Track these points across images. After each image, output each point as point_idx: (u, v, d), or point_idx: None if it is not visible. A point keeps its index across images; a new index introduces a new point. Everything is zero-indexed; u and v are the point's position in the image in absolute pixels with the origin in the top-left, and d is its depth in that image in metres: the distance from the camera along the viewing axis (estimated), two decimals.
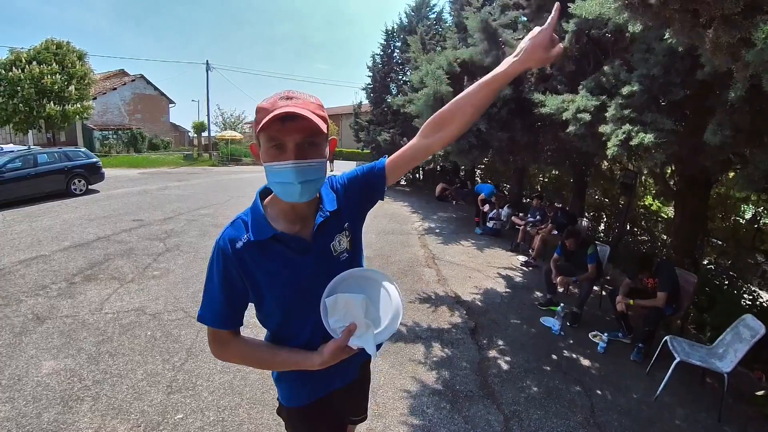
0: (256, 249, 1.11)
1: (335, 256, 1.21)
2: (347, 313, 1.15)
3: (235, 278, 1.12)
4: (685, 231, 5.29)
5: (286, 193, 1.08)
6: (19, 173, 10.31)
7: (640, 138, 3.36)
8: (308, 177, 1.05)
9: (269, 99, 1.06)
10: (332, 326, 1.15)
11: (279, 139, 1.02)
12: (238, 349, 1.20)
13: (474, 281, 5.86)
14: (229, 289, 1.13)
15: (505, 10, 5.88)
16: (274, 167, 1.04)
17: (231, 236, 1.12)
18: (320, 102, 1.10)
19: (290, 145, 1.02)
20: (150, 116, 30.74)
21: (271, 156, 1.04)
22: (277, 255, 1.13)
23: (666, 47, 3.37)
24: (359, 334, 1.14)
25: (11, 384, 3.10)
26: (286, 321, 1.21)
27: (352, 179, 1.29)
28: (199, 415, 2.84)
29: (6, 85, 18.29)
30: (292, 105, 1.02)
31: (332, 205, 1.21)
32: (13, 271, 5.41)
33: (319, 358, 1.15)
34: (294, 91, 1.07)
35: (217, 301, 1.13)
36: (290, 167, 1.02)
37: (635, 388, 3.51)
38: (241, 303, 1.17)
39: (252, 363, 1.26)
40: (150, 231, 7.64)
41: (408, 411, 3.02)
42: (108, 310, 4.38)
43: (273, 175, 1.07)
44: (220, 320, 1.15)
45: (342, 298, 1.15)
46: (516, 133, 5.59)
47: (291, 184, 1.04)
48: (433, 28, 14.43)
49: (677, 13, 2.23)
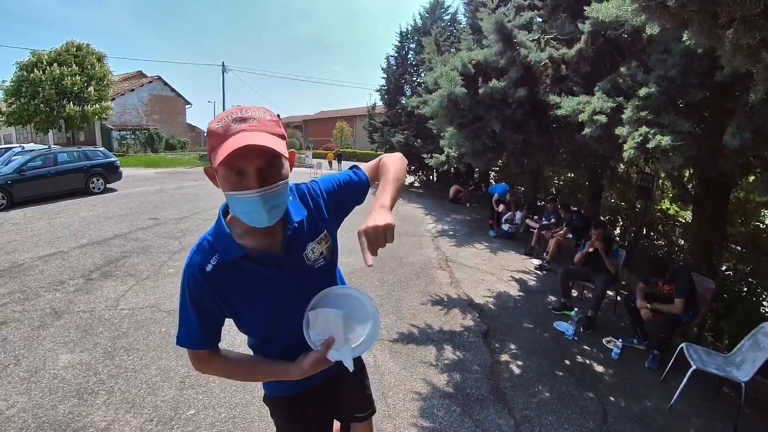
0: (227, 269, 1.10)
1: (309, 265, 1.21)
2: (327, 327, 1.20)
3: (207, 302, 1.11)
4: (703, 236, 5.18)
5: (252, 221, 1.04)
6: (39, 172, 10.58)
7: (658, 140, 3.31)
8: (274, 203, 1.02)
9: (220, 122, 0.98)
10: (312, 338, 1.21)
11: (237, 165, 0.96)
12: (220, 365, 1.23)
13: (487, 284, 5.82)
14: (202, 313, 1.13)
15: (520, 11, 5.84)
16: (236, 197, 0.99)
17: (199, 261, 1.10)
18: (275, 117, 1.06)
19: (251, 170, 0.97)
20: (167, 117, 31.21)
21: (231, 184, 0.99)
22: (249, 273, 1.12)
23: (684, 48, 3.32)
24: (337, 348, 1.21)
25: (28, 376, 3.17)
26: (267, 331, 1.25)
27: (332, 190, 1.30)
28: (210, 411, 2.86)
29: (28, 86, 18.80)
30: (248, 128, 0.97)
31: (299, 214, 1.19)
32: (33, 266, 5.54)
33: (299, 369, 1.20)
34: (246, 109, 1.01)
35: (193, 325, 1.13)
36: (255, 196, 0.98)
37: (650, 396, 3.44)
38: (216, 324, 1.18)
39: (234, 376, 1.29)
40: (166, 229, 7.76)
41: (418, 413, 3.01)
42: (124, 306, 4.45)
43: (237, 204, 1.02)
44: (197, 342, 1.16)
45: (323, 313, 1.20)
46: (531, 135, 5.53)
47: (257, 213, 1.01)
48: (447, 30, 14.38)
49: (696, 14, 2.18)
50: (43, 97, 18.76)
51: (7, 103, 19.38)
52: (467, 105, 5.68)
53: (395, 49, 16.54)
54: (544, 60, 4.98)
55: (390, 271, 6.04)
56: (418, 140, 13.99)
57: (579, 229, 6.76)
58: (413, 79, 16.31)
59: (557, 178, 12.00)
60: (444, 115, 5.99)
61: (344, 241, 1.71)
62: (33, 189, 10.32)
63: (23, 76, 18.95)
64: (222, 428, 2.71)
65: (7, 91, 19.08)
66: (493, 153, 5.89)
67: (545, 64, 5.03)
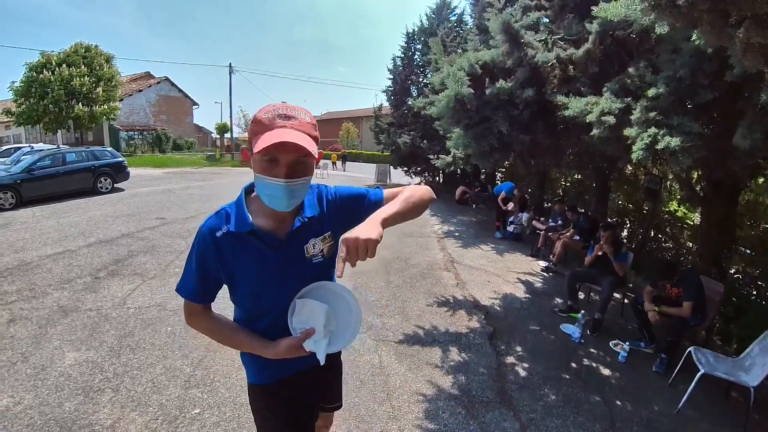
0: (233, 240, 1.22)
1: (307, 258, 1.30)
2: (310, 317, 1.26)
3: (210, 263, 1.23)
4: (711, 238, 5.13)
5: (272, 204, 1.17)
6: (48, 171, 10.69)
7: (666, 142, 3.27)
8: (296, 194, 1.16)
9: (267, 113, 1.13)
10: (294, 325, 1.27)
11: (273, 154, 1.10)
12: (206, 323, 1.34)
13: (493, 286, 5.80)
14: (204, 271, 1.25)
15: (527, 12, 5.81)
16: (266, 180, 1.13)
17: (213, 225, 1.23)
18: (314, 121, 1.20)
19: (283, 161, 1.11)
20: (174, 117, 31.44)
21: (263, 168, 1.13)
22: (252, 248, 1.23)
23: (693, 48, 3.28)
24: (315, 339, 1.26)
25: (35, 373, 3.19)
26: (255, 306, 1.32)
27: (346, 198, 1.39)
28: (215, 410, 2.87)
29: (37, 86, 19.02)
30: (290, 127, 1.11)
31: (312, 211, 1.30)
32: (41, 264, 5.58)
33: (273, 349, 1.28)
34: (291, 108, 1.15)
35: (193, 278, 1.26)
36: (281, 185, 1.12)
37: (657, 400, 3.40)
38: (214, 284, 1.29)
39: (215, 337, 1.36)
40: (173, 229, 7.81)
41: (423, 415, 2.99)
42: (130, 305, 4.47)
43: (263, 187, 1.16)
44: (193, 295, 1.28)
45: (310, 304, 1.27)
46: (538, 136, 5.50)
47: (279, 198, 1.14)
48: (453, 30, 14.36)
49: (706, 13, 2.16)
50: (52, 98, 18.97)
51: (17, 104, 19.62)
52: (474, 106, 5.67)
53: (401, 50, 16.54)
54: (552, 60, 4.96)
55: (396, 272, 6.03)
56: (424, 141, 13.97)
57: (586, 230, 6.72)
58: (419, 80, 16.31)
59: (564, 180, 11.94)
60: (451, 116, 5.98)
61: None
62: (42, 188, 10.43)
63: (33, 76, 19.18)
64: (227, 427, 2.71)
65: (17, 92, 19.31)
66: (500, 154, 5.87)
67: (552, 64, 5.01)
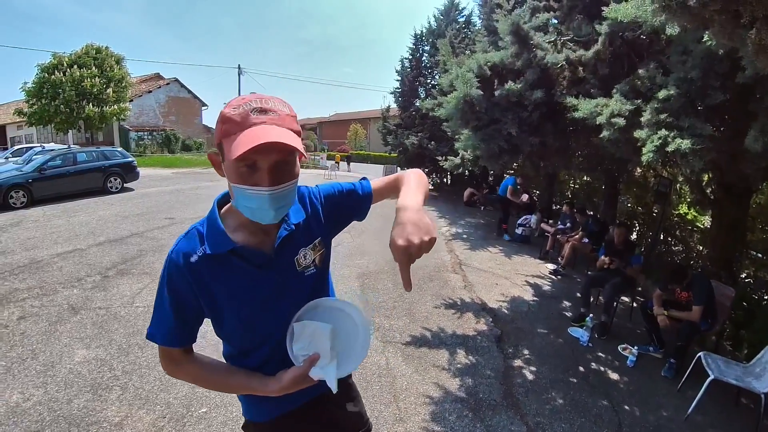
0: (212, 263, 1.03)
1: (299, 271, 1.13)
2: (312, 341, 1.10)
3: (186, 294, 1.03)
4: (722, 242, 5.07)
5: (256, 217, 0.99)
6: (59, 171, 10.83)
7: (677, 144, 3.24)
8: (283, 202, 0.98)
9: (237, 108, 0.93)
10: (295, 353, 1.10)
11: (251, 158, 0.90)
12: (191, 369, 1.13)
13: (501, 288, 5.77)
14: (179, 307, 1.04)
15: (535, 13, 5.79)
16: (246, 191, 0.94)
17: (184, 249, 1.04)
18: (293, 111, 1.00)
19: (264, 166, 0.91)
20: (183, 118, 31.66)
21: (240, 177, 0.93)
22: (236, 269, 1.04)
23: (704, 49, 3.25)
24: (321, 365, 1.09)
25: (45, 370, 3.23)
26: (246, 337, 1.13)
27: (332, 196, 1.24)
28: (222, 410, 2.88)
29: (49, 87, 19.28)
30: (269, 122, 0.92)
31: (298, 216, 1.13)
32: (51, 263, 5.65)
33: (277, 385, 1.09)
34: (265, 99, 0.96)
35: (167, 318, 1.05)
36: (266, 194, 0.92)
37: (665, 406, 3.36)
38: (194, 319, 1.08)
39: (204, 384, 1.19)
40: (182, 229, 7.78)
41: (430, 417, 2.99)
42: (139, 303, 4.51)
43: (243, 199, 0.96)
44: (169, 338, 1.07)
45: (310, 326, 1.11)
46: (547, 138, 5.47)
47: (264, 210, 0.96)
48: (462, 32, 14.35)
49: (717, 14, 2.14)
50: (64, 99, 19.21)
51: (29, 104, 19.89)
52: (483, 107, 5.65)
53: (410, 52, 16.54)
54: (561, 62, 4.93)
55: None
56: (432, 142, 13.94)
57: (595, 233, 6.67)
58: (427, 81, 16.31)
59: (573, 182, 11.87)
60: (459, 118, 5.96)
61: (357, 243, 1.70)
62: (53, 187, 10.55)
63: (44, 77, 19.44)
64: (234, 427, 2.72)
65: (29, 92, 19.57)
66: (508, 156, 5.84)
67: (562, 66, 4.98)
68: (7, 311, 4.19)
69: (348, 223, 1.30)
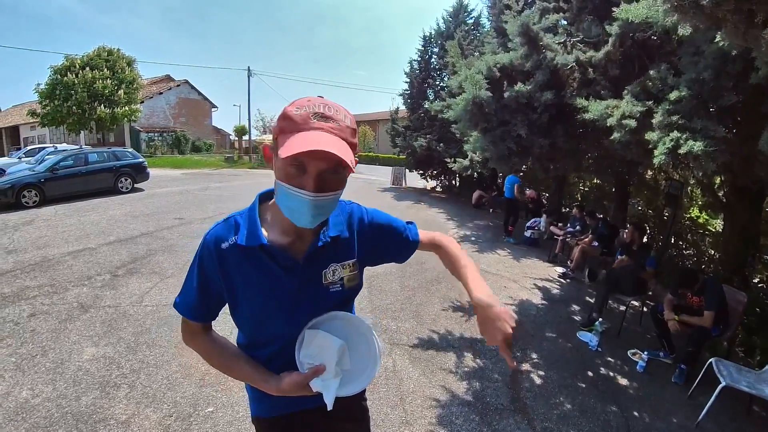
0: (241, 254, 1.05)
1: (325, 285, 1.11)
2: (320, 352, 1.08)
3: (212, 276, 1.07)
4: (734, 246, 4.99)
5: (293, 217, 0.99)
6: (71, 171, 10.99)
7: (689, 146, 3.19)
8: (323, 210, 0.98)
9: (300, 109, 0.94)
10: (301, 359, 1.09)
11: (302, 161, 0.91)
12: (204, 345, 1.18)
13: (509, 292, 5.73)
14: (205, 285, 1.09)
15: (545, 14, 5.75)
16: (289, 190, 0.94)
17: (219, 234, 1.07)
18: (354, 124, 1.00)
19: (313, 170, 0.91)
20: (193, 119, 31.96)
21: (288, 175, 0.93)
22: (261, 265, 1.05)
23: (717, 50, 3.20)
24: (324, 378, 1.08)
25: (54, 367, 3.26)
26: (256, 331, 1.15)
27: (382, 226, 1.23)
28: (228, 409, 2.88)
29: (61, 89, 19.58)
30: (327, 130, 0.92)
31: (337, 230, 1.12)
32: (62, 261, 5.71)
33: (276, 385, 1.09)
34: (330, 105, 0.96)
35: (192, 293, 1.11)
36: (307, 198, 0.93)
37: (675, 412, 3.31)
38: (216, 300, 1.12)
39: (213, 362, 1.19)
40: (190, 229, 7.91)
41: (436, 420, 2.97)
42: (148, 302, 4.54)
43: (285, 198, 0.97)
44: (191, 312, 1.13)
45: (321, 336, 1.09)
46: (557, 140, 5.42)
47: (302, 213, 0.96)
48: (471, 33, 14.31)
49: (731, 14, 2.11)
50: (76, 100, 19.48)
51: (42, 105, 20.20)
52: (492, 109, 5.62)
53: (418, 54, 16.53)
54: (571, 63, 4.89)
55: (411, 276, 6.00)
56: (441, 144, 13.91)
57: (605, 236, 6.60)
58: (436, 83, 16.28)
59: (583, 184, 11.78)
60: (468, 119, 5.93)
61: None
62: (64, 187, 10.71)
63: (57, 79, 19.74)
64: (240, 427, 2.72)
65: (42, 94, 19.88)
66: (518, 158, 5.81)
67: (572, 67, 4.94)
68: (17, 308, 4.24)
69: (386, 261, 1.30)
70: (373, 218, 1.22)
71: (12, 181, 9.97)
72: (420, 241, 1.28)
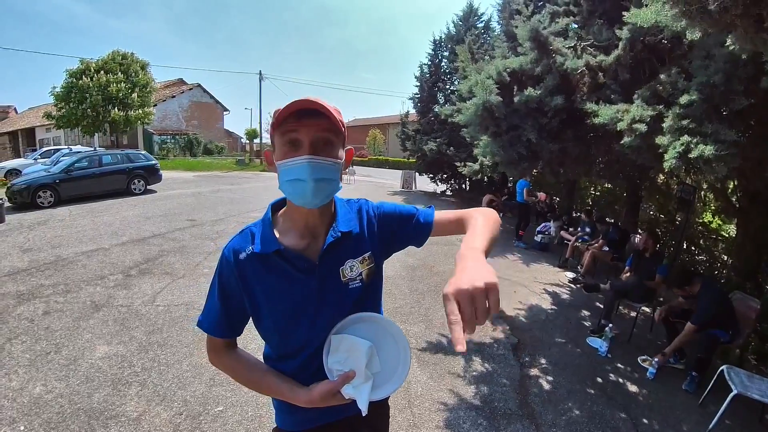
0: (258, 262, 1.06)
1: (344, 282, 1.11)
2: (349, 357, 1.05)
3: (233, 289, 1.08)
4: (747, 251, 4.92)
5: (297, 193, 1.02)
6: (85, 172, 11.18)
7: (700, 150, 3.17)
8: (322, 175, 1.00)
9: (284, 105, 1.01)
10: (330, 366, 1.06)
11: (294, 134, 0.99)
12: (230, 362, 1.17)
13: (519, 296, 5.71)
14: (227, 300, 1.10)
15: (555, 18, 5.74)
16: (287, 164, 1.00)
17: (236, 246, 1.10)
18: (338, 109, 1.05)
19: (305, 141, 0.99)
20: (205, 123, 32.31)
21: (284, 154, 1.01)
22: (279, 270, 1.07)
23: (727, 54, 3.17)
24: (355, 384, 1.03)
25: (67, 364, 3.33)
26: (283, 341, 1.14)
27: (390, 215, 1.22)
28: (238, 409, 2.91)
29: (76, 92, 19.90)
30: (309, 101, 0.97)
31: (348, 226, 1.13)
32: (76, 261, 5.81)
33: (307, 396, 1.07)
34: (310, 97, 1.00)
35: (214, 309, 1.11)
36: (304, 162, 0.98)
37: (686, 420, 3.27)
38: (238, 314, 1.12)
39: (240, 379, 1.19)
40: (202, 231, 7.99)
41: (444, 424, 2.97)
42: (160, 302, 4.60)
43: (285, 173, 1.02)
44: (214, 328, 1.13)
45: (348, 340, 1.06)
46: (567, 145, 5.40)
47: (303, 182, 0.99)
48: (481, 37, 14.29)
49: (739, 18, 2.10)
50: (90, 103, 19.80)
51: (57, 108, 20.54)
52: (502, 113, 5.61)
53: (428, 58, 16.55)
54: (581, 67, 4.88)
55: (420, 280, 6.01)
56: (451, 148, 13.89)
57: (615, 241, 6.55)
58: (446, 87, 16.28)
59: (594, 189, 11.69)
60: (478, 124, 5.93)
61: None
62: (79, 188, 10.90)
63: (72, 82, 20.08)
64: (249, 426, 2.75)
65: (58, 96, 20.22)
66: (528, 162, 5.78)
67: (582, 71, 4.93)
68: (32, 306, 4.33)
69: (402, 247, 1.26)
70: (381, 208, 1.23)
71: (28, 181, 10.17)
72: (435, 222, 1.20)
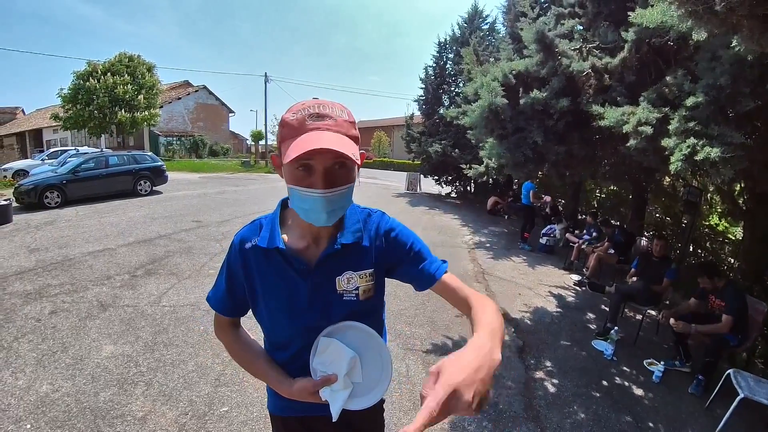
0: (261, 255, 1.09)
1: (338, 293, 1.10)
2: (333, 361, 1.07)
3: (237, 274, 1.13)
4: (754, 254, 4.89)
5: (310, 218, 1.01)
6: (92, 173, 11.27)
7: (706, 152, 3.15)
8: (336, 205, 0.99)
9: (296, 114, 0.96)
10: (314, 366, 1.09)
11: (306, 162, 0.93)
12: (230, 339, 1.24)
13: (524, 299, 5.69)
14: (231, 282, 1.15)
15: (560, 20, 5.73)
16: (300, 192, 0.97)
17: (244, 235, 1.13)
18: (352, 117, 1.01)
19: (319, 168, 0.94)
20: (211, 124, 32.49)
21: (296, 178, 0.96)
22: (278, 267, 1.09)
23: (733, 55, 3.16)
24: (334, 389, 1.06)
25: (74, 363, 3.35)
26: (271, 332, 1.19)
27: (403, 244, 1.16)
28: (243, 409, 2.92)
29: (83, 93, 20.12)
30: (323, 127, 0.94)
31: (354, 238, 1.10)
32: (82, 261, 5.85)
33: (287, 387, 1.12)
34: (323, 104, 0.97)
35: (221, 288, 1.17)
36: (318, 197, 0.95)
37: (692, 424, 3.24)
38: (241, 298, 1.16)
39: (235, 357, 1.25)
40: (207, 232, 8.03)
41: (449, 426, 2.97)
42: (165, 303, 4.63)
43: (298, 200, 1.00)
44: (220, 306, 1.20)
45: (335, 345, 1.08)
46: (573, 147, 5.38)
47: (317, 212, 0.98)
48: (486, 39, 14.30)
49: (745, 19, 2.09)
50: (97, 104, 20.01)
51: (65, 109, 20.75)
52: (508, 116, 5.61)
53: (433, 60, 16.57)
54: (587, 69, 4.87)
55: None
56: (456, 150, 13.89)
57: (621, 244, 6.52)
58: (451, 89, 16.28)
59: (600, 191, 11.65)
60: (484, 126, 5.93)
61: None
62: (85, 189, 10.99)
63: (80, 84, 20.29)
64: (254, 427, 2.76)
65: (65, 98, 20.43)
66: (534, 164, 5.77)
67: (587, 73, 4.92)
68: (39, 305, 4.36)
69: (402, 281, 1.21)
70: (399, 232, 1.16)
71: (35, 182, 10.27)
72: (443, 281, 1.13)
